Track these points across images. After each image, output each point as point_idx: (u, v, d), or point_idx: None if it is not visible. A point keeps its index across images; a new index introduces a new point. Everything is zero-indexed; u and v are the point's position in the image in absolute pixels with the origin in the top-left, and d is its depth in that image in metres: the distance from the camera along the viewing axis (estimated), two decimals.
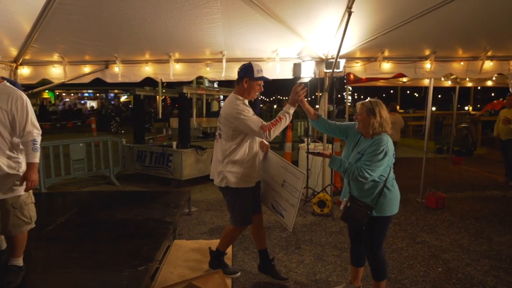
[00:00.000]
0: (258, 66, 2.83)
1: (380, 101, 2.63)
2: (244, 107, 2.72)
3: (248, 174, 2.79)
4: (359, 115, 2.62)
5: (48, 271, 2.63)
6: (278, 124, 2.66)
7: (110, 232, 3.36)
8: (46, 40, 4.54)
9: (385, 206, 2.55)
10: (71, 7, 3.83)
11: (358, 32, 4.54)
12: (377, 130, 2.52)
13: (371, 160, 2.44)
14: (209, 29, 4.31)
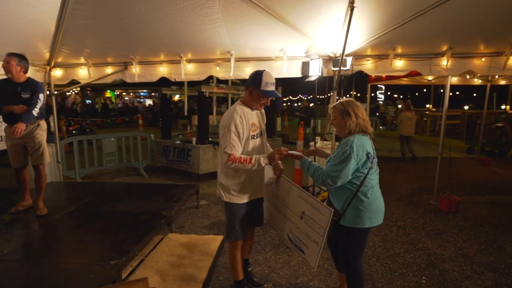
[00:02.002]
0: (269, 78, 2.31)
1: (353, 100, 2.30)
2: (238, 122, 2.27)
3: (240, 189, 2.43)
4: (334, 120, 2.31)
5: (27, 257, 2.59)
6: (244, 165, 2.24)
7: (105, 223, 3.30)
8: (73, 44, 4.63)
9: (356, 217, 2.16)
10: (83, 12, 3.83)
11: (366, 28, 4.09)
12: (353, 131, 2.19)
13: (334, 164, 2.12)
14: (212, 29, 4.10)
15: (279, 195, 2.64)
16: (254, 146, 2.42)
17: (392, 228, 4.14)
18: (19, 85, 3.35)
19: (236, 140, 2.27)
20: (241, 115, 2.31)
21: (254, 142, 2.42)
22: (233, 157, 2.25)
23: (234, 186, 2.43)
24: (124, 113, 22.57)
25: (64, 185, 5.02)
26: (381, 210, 2.26)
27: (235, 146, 2.27)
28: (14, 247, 2.73)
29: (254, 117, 2.43)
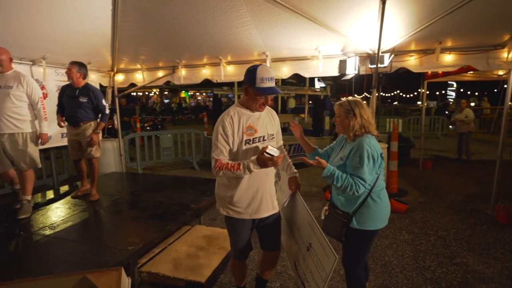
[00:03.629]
0: (265, 73, 1.91)
1: (360, 100, 2.13)
2: (227, 123, 1.96)
3: (238, 202, 2.05)
4: (337, 118, 2.16)
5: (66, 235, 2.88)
6: (233, 171, 1.90)
7: (139, 211, 3.53)
8: (130, 52, 5.05)
9: (367, 219, 2.04)
10: (130, 23, 4.14)
11: (405, 22, 3.69)
12: (358, 132, 2.03)
13: (359, 168, 1.96)
14: (244, 32, 4.10)
15: (293, 214, 2.29)
16: (250, 152, 2.01)
17: (430, 237, 3.67)
18: (77, 90, 3.76)
19: (224, 144, 1.97)
20: (232, 117, 1.99)
21: (251, 147, 2.02)
22: (219, 163, 1.94)
23: (229, 198, 2.07)
24: (195, 112, 24.02)
25: (122, 175, 5.52)
26: (389, 212, 2.13)
27: (223, 151, 1.97)
28: (62, 227, 3.08)
29: (254, 120, 2.05)
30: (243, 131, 2.01)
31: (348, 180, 1.96)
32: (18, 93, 3.18)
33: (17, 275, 2.29)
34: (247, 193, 2.06)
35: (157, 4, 3.76)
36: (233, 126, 1.99)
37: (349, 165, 2.01)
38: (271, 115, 2.23)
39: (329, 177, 1.99)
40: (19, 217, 3.27)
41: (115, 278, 1.56)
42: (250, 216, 2.10)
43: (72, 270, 2.31)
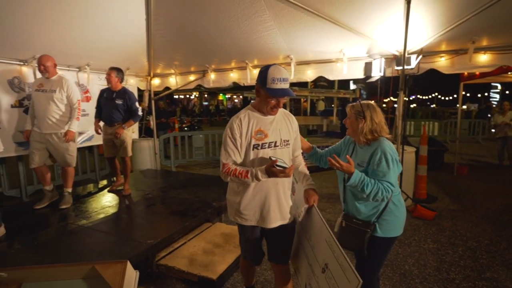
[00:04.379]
0: (278, 73, 1.71)
1: (373, 103, 1.98)
2: (235, 126, 1.81)
3: (244, 209, 1.91)
4: (347, 119, 2.02)
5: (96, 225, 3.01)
6: (240, 178, 1.77)
7: (165, 207, 3.62)
8: (165, 58, 5.22)
9: (391, 225, 1.90)
10: (162, 31, 4.27)
11: (434, 21, 3.43)
12: (368, 136, 1.89)
13: (384, 173, 1.81)
14: (268, 36, 4.05)
15: (307, 230, 1.99)
16: (259, 158, 1.83)
17: (457, 248, 3.36)
18: (115, 93, 3.97)
19: (232, 148, 1.82)
20: (241, 119, 1.83)
21: (259, 153, 1.83)
22: (227, 168, 1.80)
23: (237, 205, 1.93)
24: (231, 113, 24.41)
25: (156, 172, 5.72)
26: (405, 218, 1.98)
27: (231, 154, 1.82)
28: (94, 218, 3.25)
29: (266, 124, 1.86)
30: (252, 135, 1.82)
31: (378, 186, 1.79)
32: (60, 96, 3.40)
33: (48, 260, 2.44)
34: (254, 201, 1.89)
35: (186, 13, 3.84)
36: (241, 129, 1.82)
37: (374, 171, 1.84)
38: (288, 120, 1.99)
39: (358, 184, 1.79)
40: (61, 207, 3.51)
41: (120, 270, 1.59)
42: (257, 223, 1.94)
43: (95, 258, 2.43)
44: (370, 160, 1.87)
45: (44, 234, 2.90)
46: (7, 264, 2.39)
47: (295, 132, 2.02)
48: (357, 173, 1.80)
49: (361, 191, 1.81)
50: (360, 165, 1.90)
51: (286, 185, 1.95)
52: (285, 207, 1.96)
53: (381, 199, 1.82)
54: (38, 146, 3.45)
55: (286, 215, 1.97)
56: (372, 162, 1.85)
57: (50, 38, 3.68)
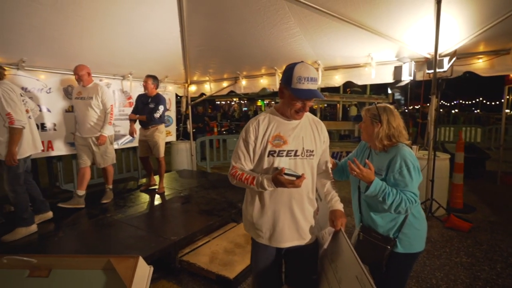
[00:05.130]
0: (305, 71, 1.43)
1: (391, 107, 1.77)
2: (251, 128, 1.58)
3: (255, 223, 1.64)
4: (362, 123, 1.84)
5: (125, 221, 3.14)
6: (245, 184, 1.54)
7: (193, 206, 3.68)
8: (201, 66, 5.37)
9: (412, 240, 1.68)
10: (196, 41, 4.39)
11: (469, 21, 3.13)
12: (385, 142, 1.70)
13: (407, 182, 1.60)
14: (294, 42, 3.97)
15: (333, 259, 1.61)
16: (274, 167, 1.54)
17: (495, 264, 2.97)
18: (150, 98, 4.15)
19: (243, 151, 1.59)
20: (260, 122, 1.58)
21: (275, 161, 1.55)
22: (235, 171, 1.59)
23: (250, 216, 1.66)
24: None
25: (191, 172, 5.88)
26: (426, 231, 1.76)
27: (241, 158, 1.60)
28: (129, 213, 3.41)
29: (287, 129, 1.57)
30: (268, 140, 1.56)
31: (401, 196, 1.58)
32: (96, 102, 3.54)
33: (83, 248, 2.60)
34: (266, 215, 1.62)
35: (215, 23, 3.91)
36: (258, 132, 1.57)
37: (396, 180, 1.63)
38: (316, 127, 1.66)
39: (379, 194, 1.59)
40: (103, 201, 3.73)
41: (132, 264, 1.62)
42: (269, 242, 1.63)
43: (123, 251, 2.53)
44: (388, 168, 1.66)
45: (85, 225, 3.10)
46: (51, 248, 2.60)
47: (323, 143, 1.69)
48: (377, 181, 1.60)
49: (382, 201, 1.59)
50: (378, 173, 1.69)
51: (304, 200, 1.63)
52: (303, 225, 1.62)
53: (404, 211, 1.61)
54: (83, 148, 3.65)
55: (305, 234, 1.63)
56: (391, 171, 1.64)
57: (98, 50, 3.95)
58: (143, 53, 4.41)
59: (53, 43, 3.48)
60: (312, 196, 1.68)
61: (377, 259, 1.70)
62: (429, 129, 3.83)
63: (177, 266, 2.77)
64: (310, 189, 1.65)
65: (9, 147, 2.60)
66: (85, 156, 3.67)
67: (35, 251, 2.54)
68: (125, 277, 1.59)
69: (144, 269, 1.75)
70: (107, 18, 3.45)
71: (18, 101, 2.68)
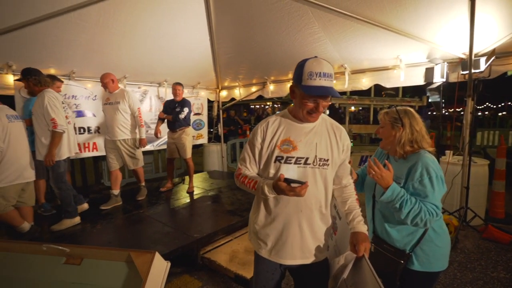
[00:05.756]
0: (317, 66, 1.25)
1: (411, 109, 1.62)
2: (259, 130, 1.44)
3: (258, 232, 1.49)
4: (381, 128, 1.66)
5: (155, 217, 3.28)
6: (247, 187, 1.42)
7: (219, 206, 3.75)
8: (230, 72, 5.48)
9: (431, 257, 1.51)
10: (225, 48, 4.50)
11: (508, 18, 2.82)
12: (407, 147, 1.55)
13: (428, 192, 1.44)
14: (319, 47, 3.89)
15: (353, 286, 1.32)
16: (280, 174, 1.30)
17: None
18: (177, 103, 4.32)
19: (249, 153, 1.47)
20: (269, 124, 1.43)
21: (282, 168, 1.37)
22: (239, 173, 1.48)
23: (253, 225, 1.51)
24: None
25: (222, 173, 6.00)
26: (450, 248, 1.59)
27: (246, 160, 1.47)
28: (159, 209, 3.58)
29: (298, 133, 1.39)
30: (276, 144, 1.39)
31: (420, 206, 1.41)
32: (124, 106, 3.60)
33: (115, 241, 2.77)
34: (270, 225, 1.45)
35: (242, 31, 3.97)
36: (265, 135, 1.42)
37: (414, 189, 1.47)
38: (335, 134, 1.44)
39: (395, 199, 1.43)
40: (137, 198, 3.95)
41: (149, 259, 1.68)
42: (269, 256, 1.47)
43: (149, 245, 2.65)
44: (407, 176, 1.50)
45: (119, 219, 3.30)
46: (90, 238, 2.82)
47: (343, 152, 1.45)
48: (395, 186, 1.45)
49: (398, 209, 1.43)
50: (396, 182, 1.52)
51: (314, 215, 1.42)
52: (309, 244, 1.43)
53: (423, 224, 1.43)
54: (112, 151, 3.74)
55: (309, 253, 1.44)
56: (411, 179, 1.48)
57: (136, 61, 4.22)
58: (177, 61, 4.61)
59: (98, 56, 3.78)
60: (326, 211, 1.46)
61: (388, 274, 1.55)
62: (464, 133, 3.52)
63: (199, 262, 2.84)
64: (323, 203, 1.43)
65: (50, 149, 2.84)
66: (115, 158, 3.75)
67: (77, 240, 2.77)
68: (142, 270, 1.66)
69: (161, 264, 1.82)
70: (144, 31, 3.67)
71: (61, 108, 2.94)
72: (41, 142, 2.90)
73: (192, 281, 2.70)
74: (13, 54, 3.16)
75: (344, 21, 3.32)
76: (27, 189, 2.86)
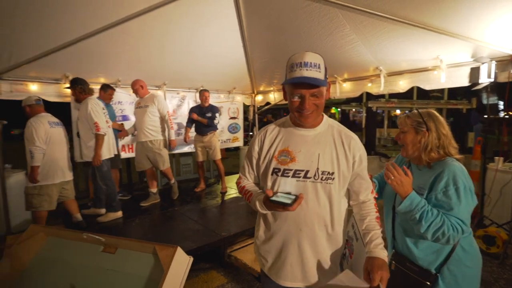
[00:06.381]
0: (298, 57, 1.16)
1: (435, 112, 1.49)
2: (256, 140, 1.35)
3: (259, 247, 1.40)
4: (401, 134, 1.51)
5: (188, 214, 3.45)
6: (244, 197, 1.36)
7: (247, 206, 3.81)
8: (265, 77, 5.57)
9: (460, 279, 1.35)
10: (258, 54, 4.60)
11: None
12: (433, 154, 1.42)
13: (455, 205, 1.29)
14: (352, 49, 3.79)
15: None
16: (278, 189, 1.25)
17: None
18: (205, 108, 4.53)
19: (248, 163, 1.39)
20: (267, 132, 1.34)
21: (280, 182, 1.25)
22: (239, 181, 1.42)
23: (255, 239, 1.42)
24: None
25: None
26: (481, 267, 1.42)
27: (246, 169, 1.40)
28: (191, 207, 3.77)
29: (297, 142, 1.26)
30: (274, 155, 1.27)
31: (442, 220, 1.26)
32: (152, 110, 3.77)
33: (149, 234, 2.98)
34: (270, 242, 1.33)
35: (274, 35, 4.03)
36: (263, 144, 1.32)
37: (437, 201, 1.33)
38: (343, 143, 1.26)
39: (414, 210, 1.30)
40: (173, 198, 4.19)
41: (171, 253, 1.79)
42: (270, 274, 1.36)
43: (180, 240, 2.81)
44: (432, 186, 1.36)
45: (155, 215, 3.57)
46: (129, 230, 3.10)
47: (354, 165, 1.26)
48: (414, 195, 1.33)
49: (417, 221, 1.29)
50: (418, 192, 1.39)
51: (318, 234, 1.25)
52: (311, 266, 1.27)
53: (445, 241, 1.27)
54: (141, 153, 3.92)
55: (312, 277, 1.28)
56: (434, 190, 1.34)
57: (175, 68, 4.50)
58: (212, 68, 4.81)
59: (140, 65, 4.12)
60: (333, 231, 1.27)
61: None
62: None
63: (226, 260, 2.93)
64: (329, 222, 1.26)
65: (96, 150, 3.17)
66: (143, 159, 3.90)
67: (118, 232, 3.05)
68: (164, 262, 1.78)
69: (183, 258, 1.92)
70: (180, 41, 3.91)
71: (102, 113, 3.27)
72: (86, 144, 3.25)
73: (218, 277, 2.81)
74: (69, 66, 3.60)
75: (377, 22, 3.19)
76: (67, 187, 3.18)
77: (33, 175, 2.86)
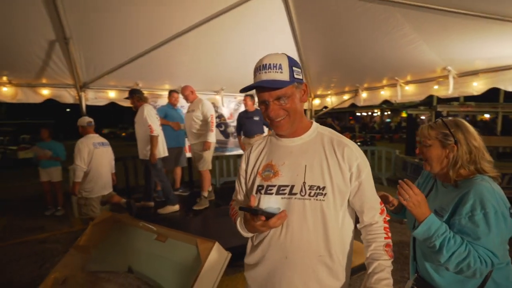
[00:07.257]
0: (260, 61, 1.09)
1: (463, 120, 1.28)
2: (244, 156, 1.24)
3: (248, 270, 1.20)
4: (424, 147, 1.31)
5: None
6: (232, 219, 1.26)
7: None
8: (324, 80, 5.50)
9: None
10: (315, 58, 4.59)
11: None
12: (464, 171, 1.22)
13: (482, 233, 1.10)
14: (414, 49, 3.50)
15: None
16: None
17: None
18: (250, 113, 4.71)
19: (238, 182, 1.26)
20: (253, 147, 1.22)
21: (263, 200, 1.08)
22: (230, 204, 1.33)
23: (245, 263, 1.23)
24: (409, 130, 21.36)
25: None
26: None
27: (236, 191, 1.28)
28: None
29: (281, 155, 1.11)
30: (258, 171, 1.14)
31: (467, 250, 1.08)
32: (197, 114, 3.86)
33: (200, 228, 3.24)
34: (255, 269, 1.14)
35: (328, 38, 3.99)
36: (248, 160, 1.20)
37: (461, 227, 1.14)
38: (335, 152, 1.08)
39: (432, 237, 1.11)
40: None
41: (210, 247, 1.97)
42: None
43: (227, 236, 2.93)
44: (455, 209, 1.17)
45: (209, 212, 3.84)
46: (183, 223, 3.41)
47: (352, 177, 1.07)
48: (433, 218, 1.13)
49: (438, 250, 1.10)
50: (438, 213, 1.21)
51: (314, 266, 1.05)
52: None
53: (471, 274, 1.09)
54: (192, 154, 4.10)
55: None
56: (459, 213, 1.14)
57: (230, 74, 4.79)
58: None
59: (198, 72, 4.54)
60: (332, 261, 1.05)
61: None
62: None
63: None
64: (324, 250, 1.04)
65: (152, 150, 3.56)
66: (194, 161, 4.08)
67: (173, 224, 3.39)
68: (203, 255, 1.96)
69: (221, 253, 2.07)
70: (234, 48, 4.19)
71: (155, 117, 3.69)
72: (142, 144, 3.68)
73: None
74: (139, 75, 4.19)
75: (442, 18, 2.90)
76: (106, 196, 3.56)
77: (74, 190, 3.29)
